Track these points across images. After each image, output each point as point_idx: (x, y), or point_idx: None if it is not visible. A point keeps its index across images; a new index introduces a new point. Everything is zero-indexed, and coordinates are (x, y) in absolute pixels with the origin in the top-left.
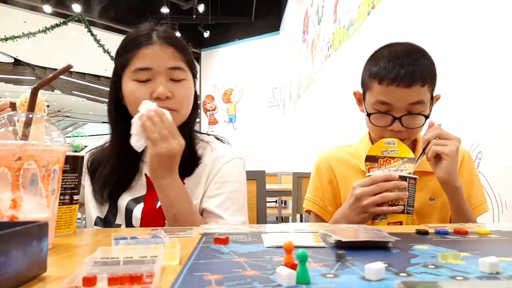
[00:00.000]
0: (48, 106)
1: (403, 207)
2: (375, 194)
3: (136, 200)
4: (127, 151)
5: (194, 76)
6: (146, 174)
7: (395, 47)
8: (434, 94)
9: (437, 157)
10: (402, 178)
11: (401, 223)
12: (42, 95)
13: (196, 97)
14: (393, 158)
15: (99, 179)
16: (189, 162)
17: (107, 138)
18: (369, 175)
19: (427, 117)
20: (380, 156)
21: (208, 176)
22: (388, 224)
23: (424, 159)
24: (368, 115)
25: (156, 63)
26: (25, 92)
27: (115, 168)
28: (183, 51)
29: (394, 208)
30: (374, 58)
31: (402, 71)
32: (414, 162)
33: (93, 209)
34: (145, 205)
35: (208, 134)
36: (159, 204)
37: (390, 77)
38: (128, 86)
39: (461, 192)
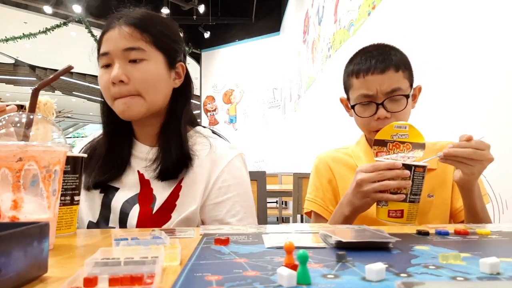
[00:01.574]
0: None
1: (404, 196)
2: (377, 181)
3: (131, 201)
4: (118, 141)
5: (170, 57)
6: (139, 171)
7: (366, 48)
8: (419, 85)
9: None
10: (407, 166)
11: (402, 211)
12: (52, 98)
13: (190, 85)
14: (403, 142)
15: (91, 172)
16: (180, 163)
17: (95, 133)
18: (376, 160)
19: (408, 96)
20: (390, 140)
21: (207, 179)
22: (389, 211)
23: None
24: (353, 107)
25: (112, 46)
26: (26, 92)
27: (106, 158)
28: (147, 30)
29: (394, 197)
30: (349, 61)
31: (373, 61)
32: (424, 149)
33: (85, 213)
34: (141, 208)
35: (204, 127)
36: (155, 208)
37: (364, 69)
38: (99, 73)
39: (474, 192)
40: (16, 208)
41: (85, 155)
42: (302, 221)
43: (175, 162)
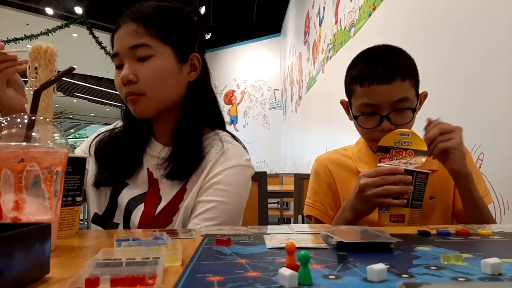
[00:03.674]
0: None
1: (406, 201)
2: (379, 185)
3: (138, 199)
4: (135, 139)
5: (180, 50)
6: (148, 169)
7: (371, 50)
8: (421, 91)
9: (444, 152)
10: (410, 172)
11: (403, 216)
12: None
13: (205, 78)
14: (405, 149)
15: (103, 162)
16: (191, 164)
17: (117, 122)
18: (379, 165)
19: (414, 110)
20: (393, 147)
21: (207, 173)
22: (390, 216)
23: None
24: (355, 117)
25: (120, 46)
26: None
27: (121, 154)
28: (153, 24)
29: (396, 201)
30: (353, 64)
31: (379, 68)
32: (427, 156)
33: (92, 205)
34: (145, 207)
35: (227, 132)
36: (158, 209)
37: (369, 77)
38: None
39: (472, 179)
40: (18, 209)
41: (86, 156)
42: (303, 222)
43: (186, 163)
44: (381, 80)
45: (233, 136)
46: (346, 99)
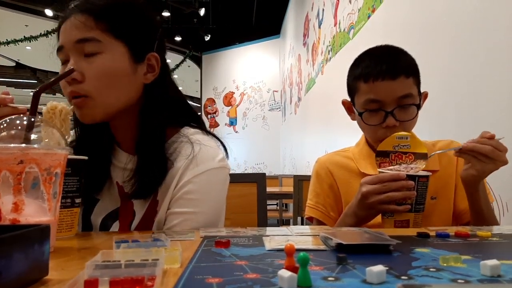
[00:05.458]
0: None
1: (409, 206)
2: (382, 192)
3: (112, 217)
4: (96, 148)
5: (135, 48)
6: (118, 183)
7: (374, 50)
8: (422, 91)
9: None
10: (411, 177)
11: (407, 221)
12: (68, 104)
13: (166, 80)
14: (405, 153)
15: None
16: (155, 181)
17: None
18: (379, 171)
19: (418, 106)
20: (392, 151)
21: (177, 181)
22: (395, 222)
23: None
24: (360, 114)
25: (65, 39)
26: (27, 95)
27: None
28: (104, 16)
29: (401, 208)
30: (356, 63)
31: (384, 66)
32: (426, 158)
33: None
34: (120, 226)
35: (199, 126)
36: (133, 227)
37: (374, 73)
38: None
39: (479, 192)
40: (17, 211)
41: (86, 158)
42: (302, 224)
43: (150, 181)
44: (386, 76)
45: (205, 132)
46: (348, 99)
